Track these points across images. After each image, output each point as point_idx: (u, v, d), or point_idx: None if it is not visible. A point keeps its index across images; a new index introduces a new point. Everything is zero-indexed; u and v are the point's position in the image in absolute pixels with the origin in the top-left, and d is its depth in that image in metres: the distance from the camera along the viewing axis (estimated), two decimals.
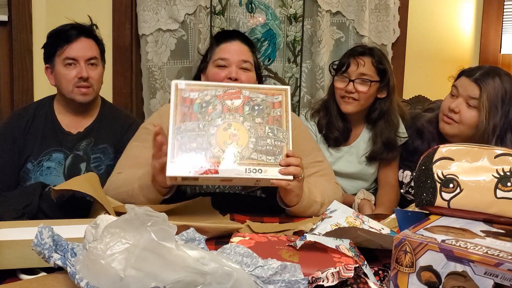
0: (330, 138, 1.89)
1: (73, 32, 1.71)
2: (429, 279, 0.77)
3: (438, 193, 0.97)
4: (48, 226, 0.85)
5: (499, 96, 1.59)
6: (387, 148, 1.86)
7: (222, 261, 0.79)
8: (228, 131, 1.29)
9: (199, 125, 1.28)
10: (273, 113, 1.32)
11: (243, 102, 1.32)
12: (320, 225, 1.15)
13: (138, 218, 0.76)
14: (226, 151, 1.27)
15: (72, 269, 0.79)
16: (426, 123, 1.82)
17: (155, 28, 2.24)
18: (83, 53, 1.71)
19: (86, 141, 1.76)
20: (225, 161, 1.26)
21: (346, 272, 0.84)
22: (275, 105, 1.33)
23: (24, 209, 1.21)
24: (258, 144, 1.29)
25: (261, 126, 1.31)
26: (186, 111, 1.29)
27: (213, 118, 1.29)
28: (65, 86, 1.72)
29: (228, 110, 1.31)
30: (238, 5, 2.29)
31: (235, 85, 1.36)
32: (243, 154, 1.27)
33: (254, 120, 1.31)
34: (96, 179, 1.31)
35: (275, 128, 1.31)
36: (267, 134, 1.30)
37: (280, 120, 1.32)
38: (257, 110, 1.32)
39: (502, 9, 2.40)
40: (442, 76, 1.95)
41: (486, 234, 0.85)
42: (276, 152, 1.29)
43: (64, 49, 1.69)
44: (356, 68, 1.81)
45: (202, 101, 1.31)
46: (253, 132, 1.30)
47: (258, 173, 1.27)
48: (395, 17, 2.32)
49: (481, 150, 0.98)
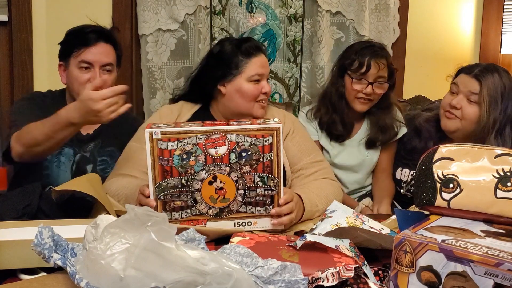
0: (333, 134, 1.91)
1: (93, 36, 1.66)
2: (429, 279, 0.77)
3: (438, 193, 0.97)
4: (48, 226, 0.85)
5: (498, 91, 1.62)
6: (383, 132, 1.89)
7: (222, 261, 0.79)
8: (214, 184, 1.19)
9: (182, 181, 1.18)
10: (262, 158, 1.20)
11: (228, 149, 1.18)
12: (320, 225, 1.15)
13: (138, 218, 0.76)
14: (213, 207, 1.21)
15: (72, 269, 0.79)
16: (424, 121, 1.84)
17: (155, 28, 2.24)
18: (99, 58, 1.66)
19: (94, 143, 1.74)
20: (212, 218, 1.22)
21: (346, 272, 0.84)
22: (264, 149, 1.20)
23: (24, 209, 1.20)
24: (247, 195, 1.21)
25: (249, 175, 1.20)
26: (166, 166, 1.17)
27: (196, 171, 1.18)
28: (76, 89, 1.67)
29: (212, 161, 1.18)
30: (238, 5, 2.29)
31: (219, 129, 1.18)
32: (231, 208, 1.22)
33: (241, 169, 1.19)
34: (98, 179, 1.31)
35: (265, 176, 1.21)
36: (256, 183, 1.21)
37: (271, 166, 1.21)
38: (244, 157, 1.19)
39: (502, 9, 2.40)
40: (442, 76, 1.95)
41: (486, 234, 0.85)
42: (267, 202, 1.22)
43: (81, 51, 1.65)
44: (376, 71, 1.80)
45: (182, 152, 1.17)
46: (241, 183, 1.20)
47: (248, 226, 1.23)
48: (395, 17, 2.32)
49: (481, 150, 0.98)
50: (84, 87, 1.61)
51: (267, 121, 1.23)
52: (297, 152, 1.56)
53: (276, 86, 2.33)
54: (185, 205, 1.20)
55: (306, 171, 1.53)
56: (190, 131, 1.18)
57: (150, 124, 1.21)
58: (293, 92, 2.35)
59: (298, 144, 1.59)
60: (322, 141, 1.92)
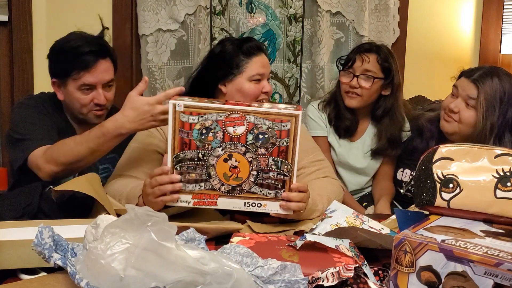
0: (341, 128, 1.94)
1: (91, 58, 1.56)
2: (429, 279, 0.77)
3: (438, 193, 0.97)
4: (48, 226, 0.85)
5: (497, 96, 1.61)
6: (391, 145, 1.92)
7: (222, 261, 0.79)
8: (229, 162, 1.22)
9: (199, 154, 1.22)
10: (278, 143, 1.21)
11: (246, 130, 1.21)
12: (320, 225, 1.15)
13: (138, 218, 0.76)
14: (225, 184, 1.23)
15: (72, 269, 0.79)
16: (426, 122, 1.85)
17: (155, 28, 2.24)
18: (101, 78, 1.59)
19: None
20: (224, 194, 1.24)
21: (346, 272, 0.84)
22: (282, 134, 1.21)
23: (24, 209, 1.21)
24: (260, 177, 1.23)
25: (264, 158, 1.22)
26: (185, 138, 1.21)
27: (213, 147, 1.21)
28: (78, 108, 1.62)
29: (229, 139, 1.21)
30: (238, 5, 2.29)
31: (239, 108, 1.21)
32: (243, 187, 1.24)
33: (257, 151, 1.22)
34: (97, 179, 1.31)
35: (279, 161, 1.23)
36: (270, 166, 1.23)
37: (286, 151, 1.22)
38: (261, 139, 1.21)
39: (502, 9, 2.40)
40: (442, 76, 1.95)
41: (486, 234, 0.85)
42: (278, 186, 1.24)
43: (81, 75, 1.56)
44: (361, 64, 1.87)
45: (202, 127, 1.20)
46: (255, 164, 1.22)
47: (257, 207, 1.25)
48: (395, 17, 2.32)
49: (481, 150, 0.98)
50: (86, 106, 1.59)
51: (288, 107, 1.24)
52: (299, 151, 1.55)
53: (276, 86, 2.33)
54: (199, 178, 1.23)
55: (307, 169, 1.53)
56: (212, 108, 1.20)
57: (175, 97, 1.23)
58: (293, 92, 2.35)
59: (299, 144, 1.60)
60: (330, 138, 1.97)
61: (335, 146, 1.97)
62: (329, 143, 1.97)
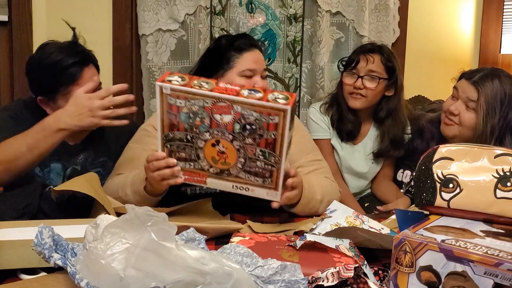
0: (343, 131, 1.93)
1: (76, 69, 1.50)
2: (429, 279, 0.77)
3: (438, 193, 0.97)
4: (48, 226, 0.85)
5: (497, 98, 1.60)
6: (394, 146, 1.90)
7: (222, 261, 0.79)
8: (216, 147, 1.20)
9: (187, 136, 1.20)
10: (266, 135, 1.16)
11: (233, 119, 1.16)
12: (320, 225, 1.15)
13: (138, 218, 0.76)
14: (214, 167, 1.23)
15: (72, 269, 0.79)
16: (427, 122, 1.84)
17: (155, 28, 2.23)
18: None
19: (85, 155, 1.63)
20: (212, 175, 1.24)
21: (346, 272, 0.84)
22: (269, 127, 1.15)
23: (24, 209, 1.21)
24: (247, 165, 1.20)
25: (251, 147, 1.18)
26: (173, 119, 1.18)
27: (201, 131, 1.19)
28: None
29: (216, 126, 1.17)
30: (238, 5, 2.29)
31: (226, 97, 1.15)
32: (231, 171, 1.22)
33: (244, 140, 1.17)
34: (97, 179, 1.30)
35: (267, 152, 1.18)
36: (257, 156, 1.19)
37: (274, 144, 1.16)
38: (248, 130, 1.16)
39: (502, 9, 2.40)
40: (442, 76, 1.95)
41: (486, 234, 0.85)
42: (266, 175, 1.21)
43: (70, 89, 1.48)
44: (365, 65, 1.85)
45: (190, 111, 1.17)
46: (243, 152, 1.19)
47: (245, 191, 1.24)
48: (395, 17, 2.32)
49: (481, 150, 0.98)
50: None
51: (277, 99, 1.17)
52: (297, 151, 1.55)
53: (276, 86, 2.33)
54: (189, 158, 1.23)
55: (305, 168, 1.53)
56: (198, 94, 1.15)
57: (165, 75, 1.19)
58: (293, 92, 2.35)
59: (297, 142, 1.59)
60: (333, 141, 1.95)
61: (338, 149, 1.96)
62: (332, 146, 1.96)
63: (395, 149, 1.91)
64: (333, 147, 1.96)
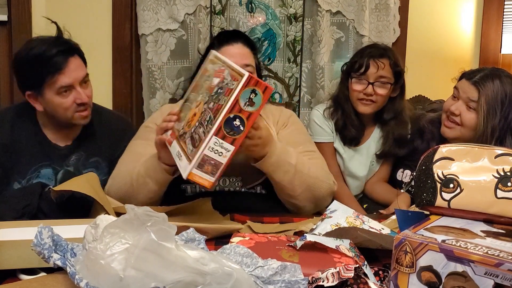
0: (347, 137, 1.91)
1: (61, 58, 1.50)
2: (429, 279, 0.77)
3: (438, 193, 0.97)
4: (48, 226, 0.85)
5: (498, 98, 1.59)
6: (398, 144, 1.88)
7: (222, 261, 0.79)
8: (195, 109, 1.20)
9: (194, 98, 1.26)
10: (222, 100, 1.11)
11: (218, 82, 1.16)
12: (320, 225, 1.15)
13: (138, 218, 0.76)
14: (184, 128, 1.20)
15: (72, 269, 0.79)
16: (427, 123, 1.83)
17: (155, 28, 2.23)
18: (76, 76, 1.52)
19: (76, 156, 1.62)
20: (177, 137, 1.22)
21: (346, 272, 0.84)
22: (226, 92, 1.11)
23: (24, 209, 1.21)
24: (195, 130, 1.14)
25: (208, 112, 1.13)
26: (198, 82, 1.30)
27: (199, 94, 1.23)
28: (62, 114, 1.55)
29: (208, 88, 1.19)
30: (238, 5, 2.29)
31: (222, 59, 1.22)
32: (185, 135, 1.17)
33: (209, 104, 1.15)
34: (96, 179, 1.30)
35: (210, 119, 1.11)
36: (205, 121, 1.13)
37: (217, 110, 1.10)
38: (216, 93, 1.14)
39: (502, 9, 2.40)
40: (442, 76, 1.95)
41: (486, 234, 0.85)
42: (195, 145, 1.12)
43: (55, 78, 1.49)
44: (376, 71, 1.82)
45: (208, 73, 1.25)
46: (201, 116, 1.15)
47: (178, 158, 1.17)
48: (395, 17, 2.32)
49: (482, 150, 0.98)
50: (69, 109, 1.52)
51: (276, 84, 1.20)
52: (288, 143, 1.51)
53: (276, 86, 2.33)
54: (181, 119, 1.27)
55: None
56: (221, 60, 1.24)
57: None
58: (293, 92, 2.35)
59: (289, 135, 1.58)
60: (336, 144, 1.93)
61: (341, 152, 1.94)
62: (335, 148, 1.94)
63: (400, 147, 1.88)
64: (335, 149, 1.95)
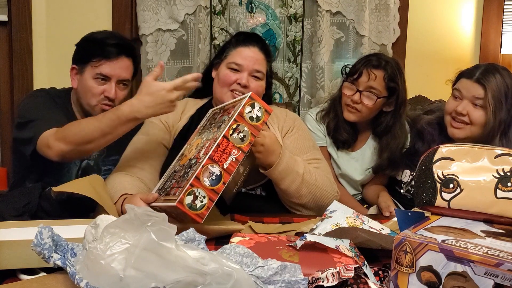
0: (339, 140, 1.90)
1: (114, 50, 1.60)
2: (429, 279, 0.77)
3: (438, 193, 0.97)
4: (48, 226, 0.85)
5: (502, 92, 1.61)
6: (391, 165, 1.86)
7: (222, 261, 0.79)
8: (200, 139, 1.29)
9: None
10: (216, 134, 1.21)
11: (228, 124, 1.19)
12: (320, 225, 1.15)
13: (138, 218, 0.76)
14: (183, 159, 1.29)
15: (72, 269, 0.79)
16: (426, 125, 1.83)
17: (155, 28, 2.24)
18: (118, 73, 1.61)
19: (98, 152, 1.67)
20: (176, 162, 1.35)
21: (346, 272, 0.84)
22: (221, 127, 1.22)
23: (25, 207, 1.21)
24: (190, 164, 1.19)
25: (205, 149, 1.18)
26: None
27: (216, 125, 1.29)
28: (89, 98, 1.62)
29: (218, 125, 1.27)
30: (238, 5, 2.29)
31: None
32: (178, 173, 1.23)
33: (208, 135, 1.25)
34: (100, 181, 1.31)
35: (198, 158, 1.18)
36: (194, 159, 1.18)
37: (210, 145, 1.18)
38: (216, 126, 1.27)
39: (502, 9, 2.40)
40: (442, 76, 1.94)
41: (486, 234, 0.85)
42: (174, 189, 1.15)
43: (100, 63, 1.59)
44: (366, 80, 1.80)
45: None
46: (199, 150, 1.22)
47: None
48: (395, 17, 2.32)
49: (481, 150, 0.98)
50: (96, 97, 1.59)
51: (253, 116, 1.21)
52: (294, 149, 1.54)
53: (276, 86, 2.33)
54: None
55: None
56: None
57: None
58: (293, 92, 2.35)
59: (295, 141, 1.59)
60: (329, 149, 1.93)
61: (334, 157, 1.93)
62: (329, 153, 1.94)
63: (392, 168, 1.86)
64: (329, 154, 1.95)
